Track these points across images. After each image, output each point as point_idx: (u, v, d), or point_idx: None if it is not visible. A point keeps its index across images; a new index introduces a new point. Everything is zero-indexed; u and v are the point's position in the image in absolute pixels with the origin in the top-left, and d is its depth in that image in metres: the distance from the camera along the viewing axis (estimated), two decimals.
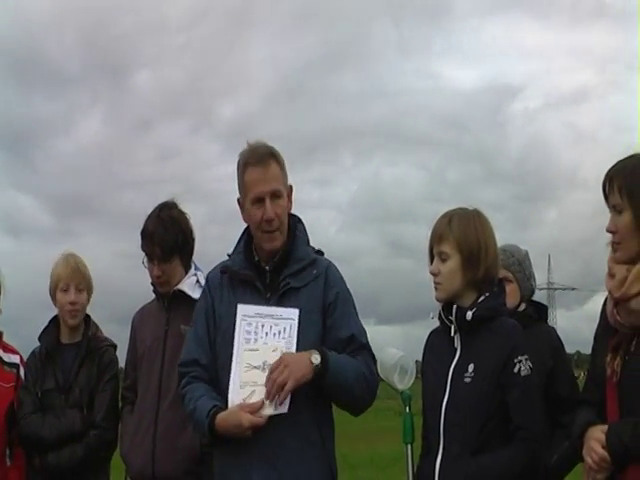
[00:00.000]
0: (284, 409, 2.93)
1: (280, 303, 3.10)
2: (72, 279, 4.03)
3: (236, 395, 2.98)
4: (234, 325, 3.08)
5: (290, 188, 3.22)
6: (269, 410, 2.93)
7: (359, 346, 3.14)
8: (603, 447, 2.58)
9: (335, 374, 2.97)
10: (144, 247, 3.83)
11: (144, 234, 3.82)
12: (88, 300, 4.11)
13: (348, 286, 3.26)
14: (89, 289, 4.10)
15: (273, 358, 2.96)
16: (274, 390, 2.92)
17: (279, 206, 3.13)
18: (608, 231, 2.71)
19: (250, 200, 3.13)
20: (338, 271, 3.25)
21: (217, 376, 3.13)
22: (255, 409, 2.93)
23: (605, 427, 2.62)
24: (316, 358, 2.94)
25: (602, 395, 2.72)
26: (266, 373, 2.95)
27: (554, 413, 3.51)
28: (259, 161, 3.11)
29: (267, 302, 3.11)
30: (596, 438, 2.62)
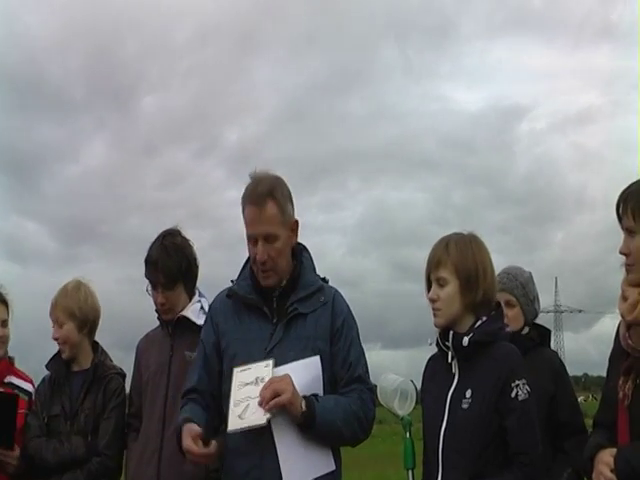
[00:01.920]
0: (262, 421, 2.92)
1: (287, 328, 3.13)
2: (51, 315, 4.10)
3: (232, 415, 3.00)
4: (241, 352, 3.13)
5: (295, 223, 3.24)
6: (247, 421, 2.94)
7: (356, 378, 3.16)
8: (612, 470, 2.58)
9: (322, 424, 2.99)
10: (148, 275, 3.87)
11: (148, 262, 3.86)
12: (79, 328, 4.07)
13: (353, 312, 3.29)
14: (73, 318, 4.06)
15: (266, 372, 2.99)
16: (268, 394, 2.92)
17: (273, 248, 3.14)
18: (621, 253, 2.73)
19: (247, 238, 3.19)
20: (344, 299, 3.29)
21: (222, 403, 3.15)
22: (196, 434, 2.97)
23: (614, 450, 2.62)
24: (304, 406, 2.97)
25: (615, 418, 2.73)
26: (259, 387, 2.97)
27: (555, 438, 3.51)
28: (256, 201, 3.13)
29: (274, 327, 3.15)
30: (605, 462, 2.62)
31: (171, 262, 3.83)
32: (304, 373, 3.05)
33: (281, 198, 3.17)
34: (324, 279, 3.33)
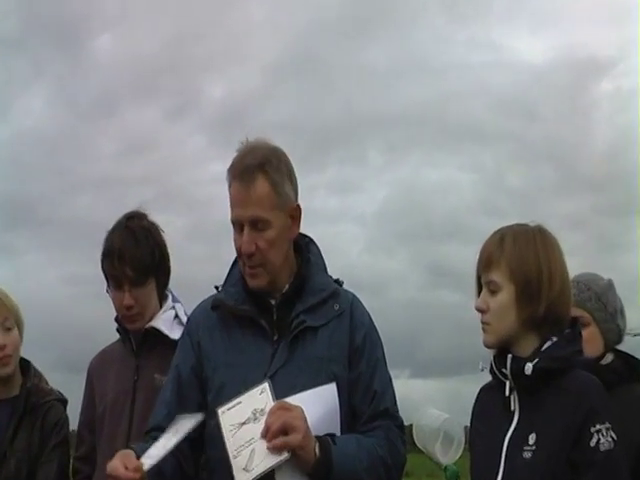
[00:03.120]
0: (284, 456, 2.91)
1: (293, 347, 3.14)
2: None
3: (236, 470, 2.97)
4: (232, 380, 3.12)
5: (296, 209, 3.25)
6: (257, 470, 2.92)
7: (383, 412, 3.20)
8: None
9: (340, 474, 2.99)
10: (109, 269, 3.84)
11: (109, 252, 3.84)
12: (21, 339, 4.11)
13: (375, 325, 3.31)
14: (19, 325, 4.11)
15: (264, 401, 2.97)
16: (276, 426, 2.89)
17: (262, 238, 3.14)
18: None
19: (231, 221, 3.19)
20: (364, 306, 3.32)
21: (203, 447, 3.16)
22: (131, 465, 2.92)
23: None
24: (318, 451, 2.96)
25: None
26: (260, 422, 2.95)
27: None
28: (241, 176, 3.14)
29: (275, 346, 3.15)
30: None
31: (140, 251, 3.82)
32: (316, 406, 3.04)
33: (275, 173, 3.17)
34: (337, 281, 3.34)
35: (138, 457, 2.99)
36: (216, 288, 3.35)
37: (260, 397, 2.99)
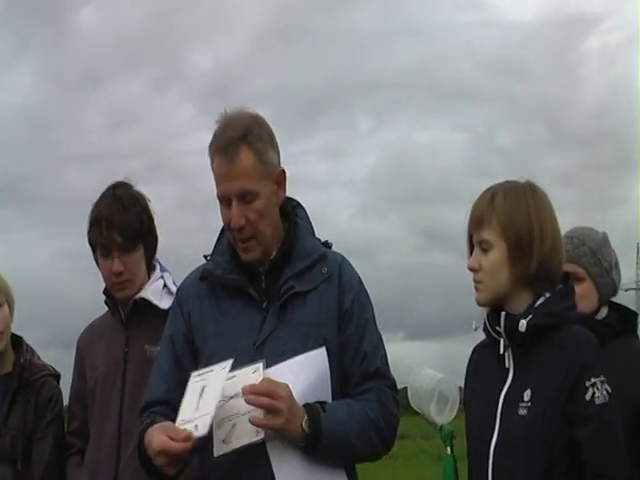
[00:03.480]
0: (256, 438, 2.92)
1: (282, 313, 3.14)
2: None
3: (216, 439, 2.98)
4: (222, 349, 3.10)
5: (281, 174, 3.23)
6: (236, 443, 2.94)
7: (373, 372, 3.19)
8: None
9: (331, 442, 2.99)
10: (96, 237, 3.83)
11: (96, 219, 3.83)
12: (11, 315, 4.13)
13: (366, 288, 3.31)
14: (9, 302, 4.13)
15: (254, 380, 2.95)
16: (261, 402, 2.88)
17: (252, 209, 3.13)
18: None
19: (218, 199, 3.17)
20: (354, 269, 3.31)
21: None
22: (180, 436, 2.89)
23: None
24: (306, 425, 2.96)
25: None
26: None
27: None
28: (225, 149, 3.11)
29: (264, 313, 3.15)
30: None
31: (129, 217, 3.82)
32: (307, 372, 3.05)
33: (258, 143, 3.15)
34: (326, 243, 3.34)
35: None
36: (205, 257, 3.34)
37: (252, 376, 2.97)
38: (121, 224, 3.79)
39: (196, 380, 3.03)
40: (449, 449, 3.42)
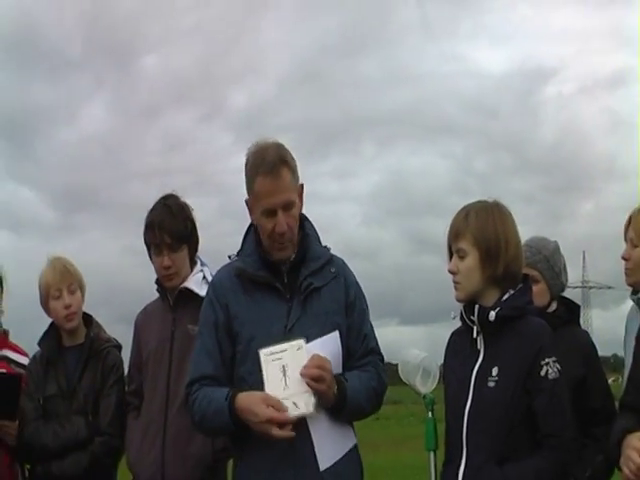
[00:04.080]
0: (310, 409, 2.96)
1: (304, 304, 3.14)
2: (63, 282, 4.04)
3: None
4: (259, 333, 3.09)
5: (301, 187, 3.23)
6: (296, 412, 2.95)
7: (370, 350, 3.25)
8: None
9: (350, 405, 3.07)
10: (150, 237, 3.83)
11: (150, 224, 3.83)
12: (82, 299, 4.13)
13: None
14: (82, 288, 4.12)
15: (300, 357, 2.98)
16: (315, 373, 2.94)
17: (291, 217, 3.14)
18: None
19: (261, 211, 3.13)
20: (350, 269, 3.34)
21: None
22: (279, 408, 2.92)
23: None
24: (337, 391, 3.03)
25: None
26: (296, 372, 2.96)
27: (586, 425, 3.47)
28: (270, 171, 3.09)
29: (289, 304, 3.14)
30: (634, 446, 2.61)
31: (176, 222, 3.81)
32: (327, 350, 3.07)
33: (292, 162, 3.16)
34: (326, 247, 3.34)
35: None
36: (229, 257, 3.33)
37: (298, 353, 2.99)
38: (170, 228, 3.79)
39: (271, 358, 2.99)
40: (430, 413, 3.42)
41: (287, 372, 2.97)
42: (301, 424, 2.98)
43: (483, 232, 2.96)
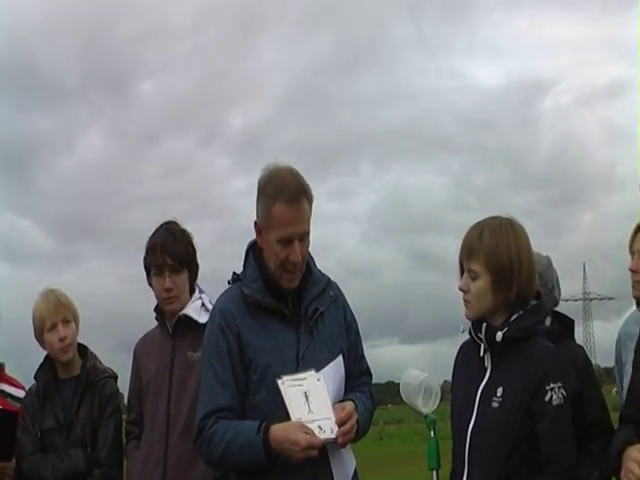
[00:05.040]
0: (336, 434, 2.97)
1: (312, 330, 3.13)
2: (57, 315, 4.02)
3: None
4: (274, 361, 3.06)
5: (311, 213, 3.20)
6: (324, 435, 2.96)
7: (365, 370, 3.32)
8: None
9: (359, 431, 3.10)
10: (152, 259, 3.83)
11: (153, 245, 3.84)
12: (77, 330, 4.11)
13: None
14: (76, 319, 4.11)
15: (320, 388, 3.01)
16: (349, 427, 2.99)
17: (305, 246, 3.11)
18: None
19: (276, 238, 3.07)
20: (341, 290, 3.35)
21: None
22: (312, 434, 2.93)
23: None
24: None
25: None
26: (317, 400, 2.99)
27: (581, 440, 3.45)
28: (292, 200, 3.04)
29: (297, 330, 3.12)
30: (634, 458, 2.59)
31: (178, 245, 3.84)
32: (335, 375, 3.11)
33: (310, 192, 3.13)
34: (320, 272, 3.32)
35: None
36: (228, 282, 3.28)
37: (318, 383, 3.02)
38: (172, 250, 3.80)
39: (293, 384, 2.99)
40: (432, 432, 3.41)
41: (309, 398, 2.98)
42: (321, 454, 2.98)
43: (497, 256, 2.90)
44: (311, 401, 2.98)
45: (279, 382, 2.98)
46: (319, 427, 2.94)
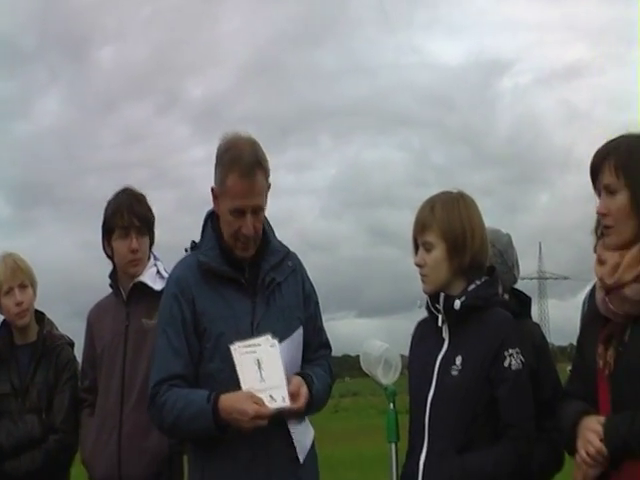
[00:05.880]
0: (287, 402, 2.95)
1: (269, 300, 3.12)
2: (14, 279, 3.98)
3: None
4: (228, 330, 3.04)
5: (268, 186, 3.16)
6: (274, 404, 2.94)
7: (324, 343, 3.31)
8: (601, 440, 2.54)
9: (315, 405, 3.12)
10: (118, 221, 3.77)
11: (118, 207, 3.79)
12: (34, 295, 4.07)
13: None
14: (33, 284, 4.06)
15: (274, 354, 2.98)
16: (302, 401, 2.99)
17: (258, 220, 3.09)
18: (599, 214, 2.69)
19: (229, 208, 3.06)
20: (302, 262, 3.34)
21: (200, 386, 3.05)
22: (261, 403, 2.91)
23: (602, 418, 2.58)
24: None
25: (589, 389, 2.70)
26: (269, 369, 2.97)
27: (536, 417, 3.47)
28: (247, 173, 3.02)
29: (253, 299, 3.11)
30: (593, 429, 2.58)
31: (143, 208, 3.83)
32: (294, 347, 3.10)
33: (266, 164, 3.11)
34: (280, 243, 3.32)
35: None
36: (185, 250, 3.26)
37: (271, 349, 2.99)
38: (139, 212, 3.78)
39: (244, 351, 2.97)
40: (392, 405, 3.40)
41: (262, 365, 2.96)
42: (276, 418, 2.96)
43: (450, 224, 2.94)
44: (263, 369, 2.96)
45: (232, 348, 2.97)
46: (270, 396, 2.93)
